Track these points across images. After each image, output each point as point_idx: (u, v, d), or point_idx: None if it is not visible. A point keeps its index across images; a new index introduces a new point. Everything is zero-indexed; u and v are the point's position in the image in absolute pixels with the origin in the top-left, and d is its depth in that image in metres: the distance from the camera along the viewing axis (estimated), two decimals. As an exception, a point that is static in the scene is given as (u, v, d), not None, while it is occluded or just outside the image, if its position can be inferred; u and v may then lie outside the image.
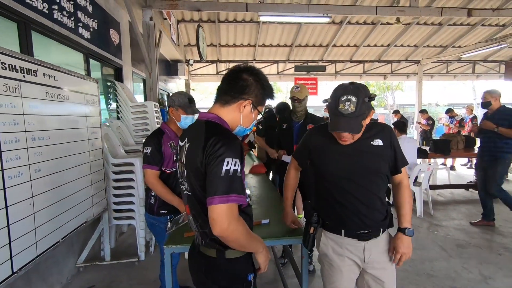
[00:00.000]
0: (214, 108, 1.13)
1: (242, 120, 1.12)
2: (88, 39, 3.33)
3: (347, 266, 1.39)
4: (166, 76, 7.73)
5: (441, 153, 4.84)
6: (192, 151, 1.03)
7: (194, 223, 1.13)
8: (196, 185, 1.02)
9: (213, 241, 1.06)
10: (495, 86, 15.91)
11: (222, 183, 0.93)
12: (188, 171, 1.05)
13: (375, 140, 1.34)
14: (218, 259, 1.07)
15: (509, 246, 3.27)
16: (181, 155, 1.12)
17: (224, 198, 0.92)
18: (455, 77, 11.54)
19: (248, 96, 1.09)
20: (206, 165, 0.97)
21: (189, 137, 1.10)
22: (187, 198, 1.12)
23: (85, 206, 2.51)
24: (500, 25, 8.15)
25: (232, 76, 1.10)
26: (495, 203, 4.84)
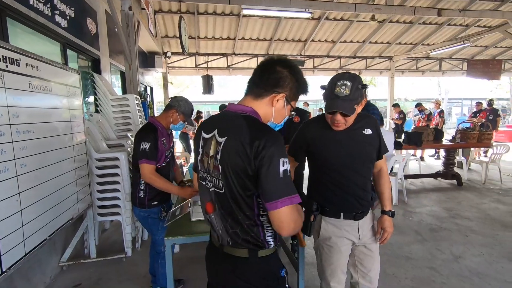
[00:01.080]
0: (246, 100, 1.05)
1: (274, 115, 1.06)
2: (65, 27, 3.16)
3: (345, 246, 1.52)
4: (143, 68, 7.47)
5: (414, 144, 5.16)
6: (234, 148, 0.94)
7: (220, 222, 1.05)
8: (235, 184, 0.95)
9: (245, 241, 1.01)
10: (458, 82, 16.84)
11: (283, 185, 0.91)
12: (224, 168, 0.97)
13: (365, 129, 1.47)
14: (251, 258, 1.02)
15: (475, 228, 3.59)
16: (208, 148, 1.04)
17: (288, 200, 0.90)
18: (423, 73, 12.21)
19: (282, 89, 1.02)
20: (258, 167, 0.91)
21: (226, 131, 0.99)
22: (215, 195, 1.03)
23: (71, 203, 2.42)
24: (464, 25, 8.72)
25: (265, 67, 1.04)
26: (460, 190, 5.28)
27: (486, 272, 2.64)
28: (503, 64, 10.59)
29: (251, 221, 0.99)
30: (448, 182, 5.72)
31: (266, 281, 1.04)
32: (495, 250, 3.04)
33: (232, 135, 0.97)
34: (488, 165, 5.62)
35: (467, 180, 5.84)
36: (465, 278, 2.56)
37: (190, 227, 1.75)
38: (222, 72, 10.57)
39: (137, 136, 1.98)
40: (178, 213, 1.87)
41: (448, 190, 5.27)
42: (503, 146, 5.59)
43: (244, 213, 0.98)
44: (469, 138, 5.49)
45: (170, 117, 2.09)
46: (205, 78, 8.92)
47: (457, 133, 5.75)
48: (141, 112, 3.97)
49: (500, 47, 10.55)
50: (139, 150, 1.92)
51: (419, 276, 2.61)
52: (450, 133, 8.45)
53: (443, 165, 5.73)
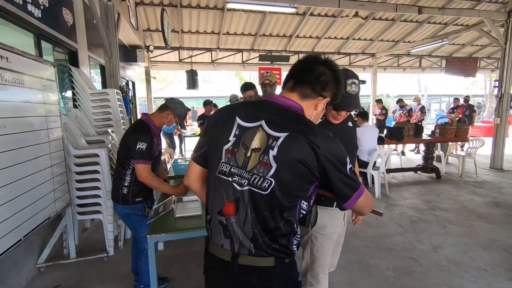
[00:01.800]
0: (293, 97, 0.98)
1: (313, 118, 1.01)
2: (39, 17, 2.99)
3: (335, 234, 1.61)
4: (124, 62, 7.23)
5: (396, 139, 5.30)
6: (300, 146, 0.87)
7: (238, 229, 0.92)
8: (291, 185, 0.88)
9: (273, 250, 0.92)
10: (437, 79, 17.24)
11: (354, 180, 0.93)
12: (282, 166, 0.87)
13: (348, 123, 1.62)
14: (278, 266, 0.93)
15: (452, 219, 3.74)
16: (250, 140, 0.91)
17: (362, 190, 0.94)
18: (404, 70, 12.52)
19: (327, 93, 0.99)
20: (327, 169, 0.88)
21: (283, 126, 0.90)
22: (249, 196, 0.90)
23: (47, 201, 2.32)
24: (443, 23, 8.99)
25: (312, 67, 0.98)
26: (439, 183, 5.48)
27: (462, 261, 2.75)
28: (479, 62, 11.02)
29: (288, 227, 0.92)
30: (428, 175, 5.93)
31: (290, 285, 1.00)
32: (471, 239, 3.18)
33: (295, 132, 0.88)
34: (465, 158, 5.86)
35: (445, 173, 6.07)
36: (443, 267, 2.66)
37: (174, 224, 1.71)
38: (207, 67, 10.42)
39: (133, 135, 1.93)
40: (161, 210, 1.83)
41: (427, 183, 5.45)
42: (478, 140, 5.83)
43: (285, 219, 0.90)
44: (447, 133, 5.69)
45: (165, 118, 2.09)
46: (189, 73, 8.77)
47: (436, 128, 5.95)
48: (122, 108, 3.85)
49: (476, 45, 10.96)
50: (135, 150, 1.88)
51: (400, 266, 2.69)
52: (430, 128, 8.73)
53: (423, 159, 5.92)
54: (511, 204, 4.26)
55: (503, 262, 2.72)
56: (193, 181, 1.10)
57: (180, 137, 8.03)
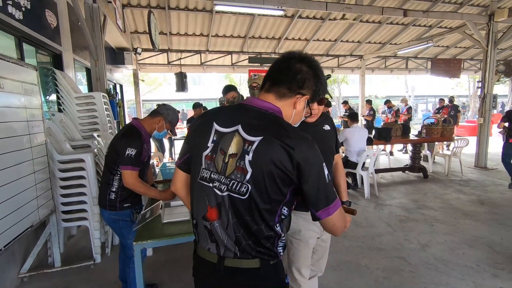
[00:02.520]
0: (269, 98, 0.96)
1: (293, 117, 0.99)
2: (20, 19, 2.91)
3: (312, 239, 1.58)
4: (111, 65, 7.12)
5: (384, 140, 5.38)
6: (274, 150, 0.85)
7: (222, 233, 0.92)
8: (268, 190, 0.87)
9: (257, 252, 0.92)
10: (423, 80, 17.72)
11: (331, 189, 0.89)
12: (257, 171, 0.86)
13: (325, 125, 1.62)
14: (263, 268, 0.93)
15: (439, 218, 3.81)
16: (227, 145, 0.91)
17: (337, 203, 0.91)
18: (391, 71, 12.75)
19: (306, 91, 0.96)
20: (303, 174, 0.86)
21: (258, 129, 0.89)
22: (229, 201, 0.90)
23: (30, 209, 2.24)
24: (427, 26, 9.21)
25: (289, 65, 0.95)
26: (426, 182, 5.59)
27: (449, 259, 2.81)
28: (463, 63, 11.32)
29: (270, 231, 0.91)
30: (415, 174, 6.04)
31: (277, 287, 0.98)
32: (457, 237, 3.25)
33: (269, 136, 0.87)
34: (451, 158, 5.99)
35: (432, 172, 6.20)
36: (431, 265, 2.71)
37: (161, 230, 1.68)
38: (196, 69, 10.36)
39: (123, 141, 1.89)
40: (148, 215, 1.79)
41: (415, 183, 5.55)
42: (463, 140, 5.98)
43: (267, 223, 0.90)
44: (433, 133, 5.82)
45: (156, 124, 2.07)
46: (179, 76, 8.69)
47: (423, 129, 6.07)
48: (109, 111, 3.78)
49: (459, 47, 11.26)
50: (124, 156, 1.84)
51: (389, 266, 2.72)
52: (417, 128, 8.91)
53: (410, 159, 6.03)
54: (494, 201, 4.37)
55: (488, 259, 2.78)
56: (179, 188, 1.10)
57: (170, 140, 7.94)
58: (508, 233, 3.31)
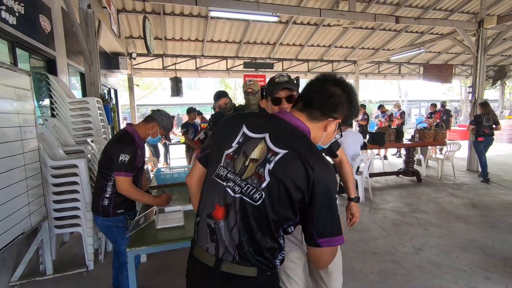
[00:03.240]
0: (302, 117, 0.98)
1: (323, 139, 1.00)
2: (14, 25, 2.90)
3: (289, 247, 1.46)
4: (106, 70, 7.10)
5: (378, 144, 5.43)
6: (297, 167, 0.87)
7: (226, 234, 0.91)
8: (280, 203, 0.87)
9: (257, 261, 0.91)
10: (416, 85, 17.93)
11: (337, 224, 0.89)
12: (274, 182, 0.87)
13: None
14: (260, 277, 0.92)
15: (432, 221, 3.85)
16: (251, 150, 0.92)
17: (339, 240, 0.89)
18: (385, 76, 12.94)
19: (338, 115, 0.96)
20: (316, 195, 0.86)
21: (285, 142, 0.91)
22: (240, 204, 0.90)
23: (22, 216, 2.21)
24: (419, 32, 9.39)
25: (323, 88, 0.96)
26: (420, 186, 5.64)
27: (442, 262, 2.83)
28: (454, 68, 11.54)
29: (274, 243, 0.92)
30: (409, 178, 6.10)
31: None
32: (450, 240, 3.28)
33: (294, 151, 0.88)
34: (443, 162, 6.07)
35: (426, 176, 6.27)
36: (424, 269, 2.73)
37: (155, 236, 1.67)
38: (191, 74, 10.38)
39: (116, 146, 1.89)
40: (142, 221, 1.78)
41: (409, 186, 5.60)
42: (455, 144, 6.07)
43: (272, 234, 0.90)
44: (426, 137, 5.89)
45: (150, 129, 2.07)
46: (174, 80, 8.70)
47: (416, 133, 6.15)
48: (103, 116, 3.76)
49: (451, 53, 11.49)
50: (117, 162, 1.84)
51: (384, 270, 2.73)
52: (410, 132, 9.02)
53: (404, 163, 6.09)
54: (486, 205, 4.43)
55: (480, 262, 2.81)
56: (194, 181, 1.11)
57: (165, 145, 7.91)
58: (500, 236, 3.36)
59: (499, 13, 8.33)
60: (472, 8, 8.29)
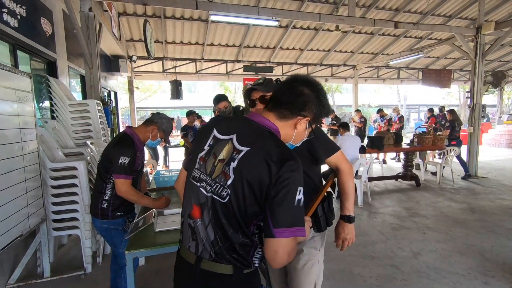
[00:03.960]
0: (270, 117, 1.01)
1: (295, 137, 1.03)
2: (15, 27, 2.92)
3: None
4: (106, 72, 7.13)
5: (377, 148, 5.44)
6: (258, 162, 0.88)
7: (202, 232, 0.95)
8: (245, 198, 0.89)
9: (232, 258, 0.93)
10: (415, 89, 18.04)
11: (296, 214, 0.86)
12: (238, 179, 0.90)
13: None
14: (235, 275, 0.94)
15: (431, 226, 3.85)
16: (219, 151, 0.96)
17: (296, 231, 0.86)
18: (384, 81, 13.00)
19: (307, 113, 1.00)
20: (276, 188, 0.86)
21: (248, 141, 0.94)
22: (212, 203, 0.94)
23: (20, 218, 2.21)
24: (418, 38, 9.46)
25: (292, 89, 1.01)
26: (418, 191, 5.65)
27: (441, 267, 2.83)
28: (453, 73, 11.60)
29: (245, 239, 0.93)
30: (408, 183, 6.10)
31: None
32: (449, 245, 3.28)
33: (256, 148, 0.91)
34: (442, 166, 6.08)
35: (424, 180, 6.28)
36: (423, 273, 2.73)
37: (154, 239, 1.67)
38: (191, 77, 10.42)
39: (116, 149, 1.89)
40: (141, 224, 1.78)
41: (407, 191, 5.61)
42: (454, 148, 6.09)
43: (243, 230, 0.92)
44: (424, 141, 5.91)
45: (150, 132, 2.07)
46: (174, 83, 8.73)
47: (415, 137, 6.17)
48: (103, 119, 3.77)
49: (449, 58, 11.56)
50: (117, 164, 1.84)
51: (382, 274, 2.73)
52: (409, 137, 9.05)
53: (403, 167, 6.10)
54: (485, 209, 4.44)
55: (479, 266, 2.81)
56: (180, 185, 1.16)
57: (164, 148, 7.91)
58: (498, 241, 3.36)
59: (497, 19, 8.39)
60: (470, 14, 8.37)
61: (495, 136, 12.07)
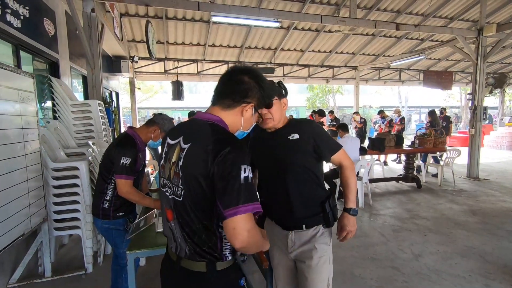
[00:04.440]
0: (214, 110, 1.05)
1: (243, 124, 1.08)
2: (18, 27, 2.93)
3: (275, 251, 1.52)
4: (108, 73, 7.15)
5: (377, 150, 5.44)
6: (197, 154, 0.94)
7: (178, 232, 1.01)
8: (195, 191, 0.93)
9: (203, 252, 0.98)
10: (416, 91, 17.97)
11: (244, 191, 0.87)
12: (185, 175, 0.95)
13: (291, 134, 1.40)
14: (209, 273, 0.99)
15: (432, 228, 3.84)
16: (171, 155, 1.02)
17: (248, 207, 0.86)
18: (385, 82, 13.00)
19: (251, 99, 1.05)
20: (217, 172, 0.89)
21: (190, 138, 0.99)
22: (174, 203, 1.00)
23: (22, 217, 2.22)
24: (419, 39, 9.46)
25: (233, 78, 1.05)
26: (420, 192, 5.64)
27: (442, 269, 2.82)
28: (454, 75, 11.60)
29: (209, 232, 0.97)
30: (409, 184, 6.09)
31: None
32: (450, 247, 3.27)
33: (196, 142, 0.96)
34: (443, 168, 6.07)
35: (425, 182, 6.26)
36: (424, 275, 2.72)
37: (155, 239, 1.68)
38: (192, 78, 10.44)
39: (118, 149, 1.90)
40: (142, 224, 1.79)
41: (408, 192, 5.60)
42: (455, 150, 6.08)
43: (202, 222, 0.96)
44: (426, 143, 5.90)
45: (152, 133, 2.07)
46: (175, 84, 8.74)
47: (416, 139, 6.16)
48: (104, 119, 3.78)
49: (451, 60, 11.55)
50: (119, 165, 1.85)
51: (383, 276, 2.72)
52: (410, 138, 9.04)
53: (404, 169, 6.09)
54: (486, 212, 4.43)
55: (480, 269, 2.81)
56: None
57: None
58: (499, 243, 3.35)
59: (499, 21, 8.40)
60: (472, 16, 8.37)
61: (497, 138, 12.04)
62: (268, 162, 1.45)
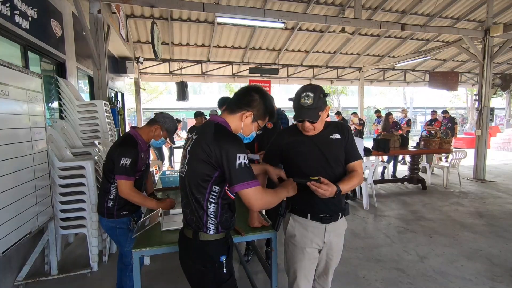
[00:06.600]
0: (223, 114, 1.34)
1: (243, 129, 1.32)
2: (26, 29, 2.98)
3: (309, 248, 1.55)
4: (113, 74, 7.22)
5: (382, 151, 5.40)
6: (199, 143, 1.22)
7: (183, 200, 1.31)
8: (195, 169, 1.21)
9: (191, 220, 1.25)
10: (422, 92, 17.84)
11: (241, 174, 1.15)
12: (190, 156, 1.24)
13: (333, 134, 1.57)
14: (193, 240, 1.25)
15: (438, 230, 3.80)
16: (188, 144, 1.29)
17: (246, 185, 1.16)
18: (390, 83, 12.92)
19: (251, 109, 1.29)
20: (220, 161, 1.16)
21: (199, 132, 1.28)
22: (181, 178, 1.32)
23: (29, 215, 2.25)
24: (425, 40, 9.38)
25: (242, 91, 1.33)
26: (425, 194, 5.60)
27: (448, 271, 2.79)
28: (460, 76, 11.48)
29: (199, 205, 1.22)
30: (414, 186, 6.04)
31: (205, 262, 1.24)
32: (456, 249, 3.24)
33: (202, 134, 1.25)
34: (449, 169, 6.01)
35: (431, 184, 6.21)
36: (429, 277, 2.70)
37: (160, 238, 1.69)
38: (197, 79, 10.48)
39: (118, 150, 1.91)
40: (147, 223, 1.80)
41: (414, 194, 5.55)
42: (461, 152, 6.02)
43: (194, 196, 1.22)
44: (431, 144, 5.85)
45: (153, 132, 2.07)
46: (179, 85, 8.79)
47: (421, 140, 6.11)
48: (110, 119, 3.82)
49: (457, 60, 11.44)
50: (119, 165, 1.85)
51: (388, 277, 2.70)
52: (415, 140, 8.97)
53: (409, 170, 6.05)
54: (493, 214, 4.37)
55: (486, 271, 2.77)
56: None
57: (170, 149, 7.96)
58: (507, 246, 3.31)
59: (506, 22, 8.30)
60: (478, 16, 8.29)
61: (504, 139, 11.88)
62: (316, 159, 1.53)
